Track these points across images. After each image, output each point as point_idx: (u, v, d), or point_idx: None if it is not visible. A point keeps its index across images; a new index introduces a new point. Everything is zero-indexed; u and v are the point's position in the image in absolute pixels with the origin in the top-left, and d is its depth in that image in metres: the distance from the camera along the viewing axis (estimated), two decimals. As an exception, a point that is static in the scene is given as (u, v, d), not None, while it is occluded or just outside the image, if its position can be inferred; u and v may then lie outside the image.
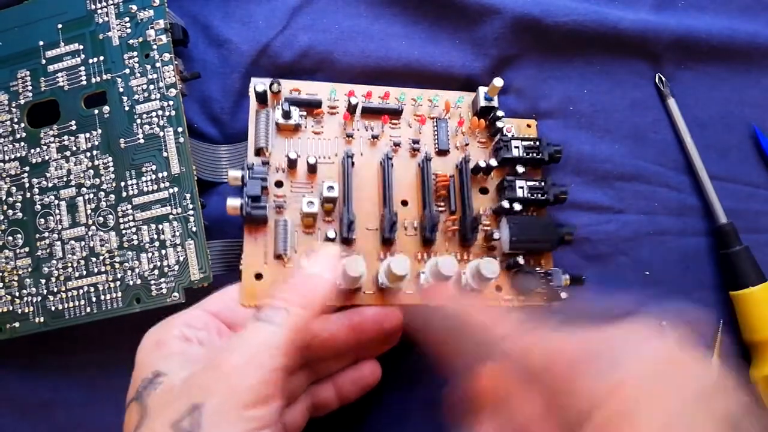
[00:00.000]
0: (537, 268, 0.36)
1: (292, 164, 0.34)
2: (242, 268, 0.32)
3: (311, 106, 0.35)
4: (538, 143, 0.36)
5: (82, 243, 0.33)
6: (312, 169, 0.34)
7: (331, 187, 0.33)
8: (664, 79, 0.41)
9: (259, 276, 0.32)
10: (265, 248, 0.33)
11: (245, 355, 0.24)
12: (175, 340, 0.26)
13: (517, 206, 0.35)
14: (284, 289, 0.27)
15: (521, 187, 0.36)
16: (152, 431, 0.23)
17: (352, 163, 0.34)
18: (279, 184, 0.34)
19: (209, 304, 0.30)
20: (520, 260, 0.35)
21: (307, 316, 0.26)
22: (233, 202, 0.31)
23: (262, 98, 0.34)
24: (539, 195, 0.36)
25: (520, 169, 0.36)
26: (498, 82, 0.35)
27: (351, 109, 0.35)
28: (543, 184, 0.36)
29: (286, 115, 0.34)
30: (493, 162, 0.35)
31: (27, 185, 0.34)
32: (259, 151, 0.34)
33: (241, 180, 0.32)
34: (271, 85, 0.34)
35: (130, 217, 0.33)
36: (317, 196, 0.34)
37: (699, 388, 0.20)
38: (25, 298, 0.33)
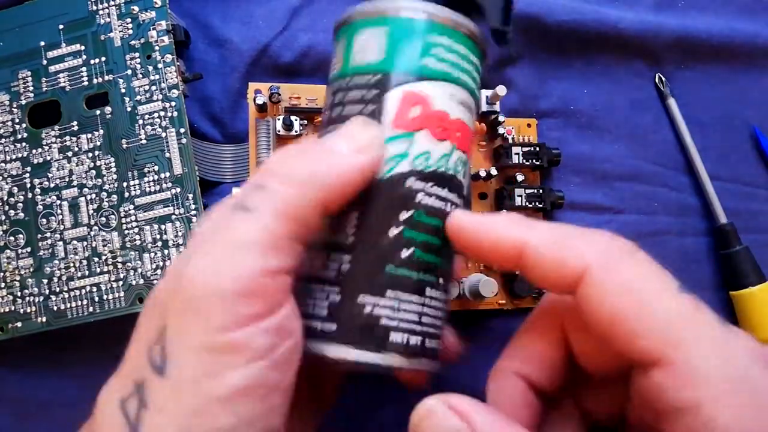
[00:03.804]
0: None
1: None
2: None
3: (312, 113, 0.35)
4: (538, 149, 0.37)
5: (85, 243, 0.33)
6: None
7: None
8: (664, 79, 0.41)
9: None
10: None
11: (212, 257, 0.18)
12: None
13: None
14: (273, 159, 0.20)
15: (520, 195, 0.36)
16: (132, 360, 0.19)
17: None
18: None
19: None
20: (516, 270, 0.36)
21: (301, 196, 0.19)
22: None
23: (261, 107, 0.34)
24: (537, 202, 0.36)
25: (520, 177, 0.36)
26: (501, 90, 0.36)
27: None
28: (541, 191, 0.36)
29: (287, 127, 0.34)
30: (493, 171, 0.36)
31: (29, 185, 0.34)
32: (260, 164, 0.34)
33: None
34: (271, 96, 0.34)
35: (133, 218, 0.33)
36: None
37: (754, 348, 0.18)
38: (27, 298, 0.33)
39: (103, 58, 0.34)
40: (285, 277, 0.19)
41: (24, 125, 0.34)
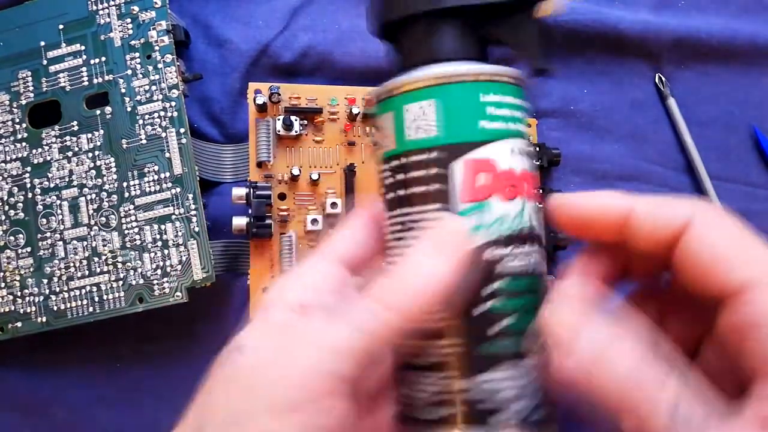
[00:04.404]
0: None
1: (294, 178, 0.34)
2: (249, 283, 0.33)
3: (312, 113, 0.35)
4: (538, 149, 0.37)
5: (85, 243, 0.33)
6: (315, 182, 0.35)
7: (334, 204, 0.34)
8: (664, 79, 0.41)
9: (266, 290, 0.33)
10: (271, 261, 0.34)
11: (302, 354, 0.20)
12: (282, 310, 0.22)
13: None
14: (385, 284, 0.21)
15: None
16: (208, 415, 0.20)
17: (354, 174, 0.35)
18: (282, 196, 0.35)
19: (339, 248, 0.24)
20: None
21: (399, 325, 0.21)
22: (239, 222, 0.33)
23: (261, 107, 0.34)
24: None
25: None
26: None
27: (352, 117, 0.35)
28: (541, 191, 0.36)
29: (287, 127, 0.34)
30: None
31: (29, 185, 0.34)
32: (260, 164, 0.34)
33: (245, 199, 0.33)
34: (271, 96, 0.34)
35: (133, 218, 0.33)
36: (320, 212, 0.35)
37: None
38: (27, 298, 0.33)
39: (103, 58, 0.34)
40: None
41: (24, 125, 0.34)
